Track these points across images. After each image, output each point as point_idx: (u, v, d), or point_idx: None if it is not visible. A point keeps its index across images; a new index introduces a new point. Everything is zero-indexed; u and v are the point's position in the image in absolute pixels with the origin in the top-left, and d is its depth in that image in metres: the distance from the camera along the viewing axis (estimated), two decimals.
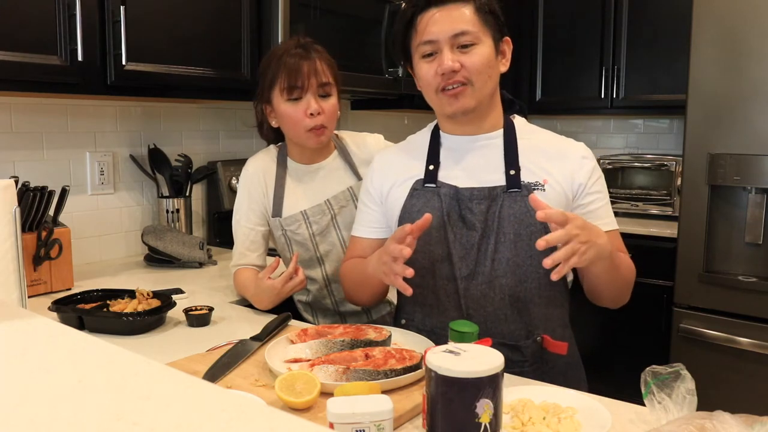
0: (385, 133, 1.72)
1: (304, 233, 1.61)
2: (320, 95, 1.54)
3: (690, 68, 2.31)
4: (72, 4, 1.56)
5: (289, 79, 1.50)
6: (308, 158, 1.65)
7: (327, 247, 1.63)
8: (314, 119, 1.52)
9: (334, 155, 1.68)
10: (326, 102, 1.55)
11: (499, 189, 1.25)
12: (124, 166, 2.15)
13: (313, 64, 1.52)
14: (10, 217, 1.04)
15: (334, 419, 0.82)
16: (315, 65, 1.52)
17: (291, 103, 1.53)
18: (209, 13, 1.89)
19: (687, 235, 2.38)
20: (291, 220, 1.61)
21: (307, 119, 1.52)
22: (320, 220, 1.61)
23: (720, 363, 2.31)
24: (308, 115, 1.52)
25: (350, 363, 1.07)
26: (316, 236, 1.62)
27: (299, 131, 1.55)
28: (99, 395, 0.54)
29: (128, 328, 1.37)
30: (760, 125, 2.20)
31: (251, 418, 0.50)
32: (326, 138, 1.58)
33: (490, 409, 0.78)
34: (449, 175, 1.31)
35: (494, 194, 1.25)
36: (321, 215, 1.61)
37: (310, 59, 1.52)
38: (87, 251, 2.06)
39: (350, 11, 2.28)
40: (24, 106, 1.89)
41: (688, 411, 0.89)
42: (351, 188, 1.64)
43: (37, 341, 0.70)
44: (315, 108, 1.52)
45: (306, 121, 1.52)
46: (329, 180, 1.65)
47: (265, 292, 1.47)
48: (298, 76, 1.50)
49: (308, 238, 1.61)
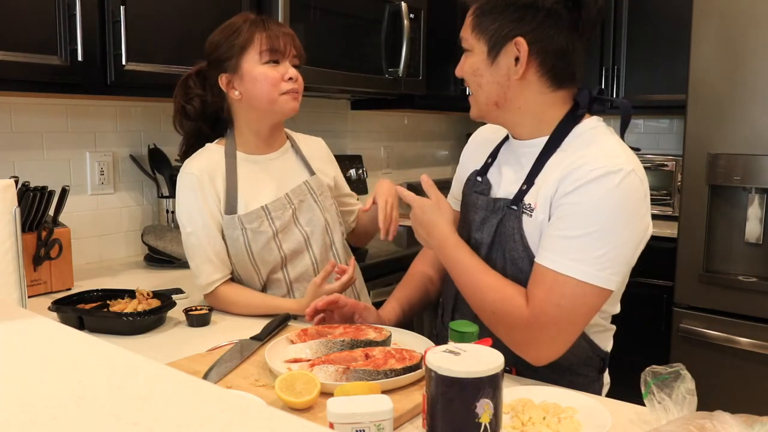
0: (385, 133, 1.73)
1: (268, 231, 1.48)
2: (293, 65, 1.49)
3: (690, 68, 2.31)
4: (72, 4, 1.56)
5: (270, 41, 1.45)
6: (263, 147, 1.56)
7: (291, 245, 1.51)
8: (291, 83, 1.47)
9: (287, 146, 1.61)
10: (298, 72, 1.50)
11: (502, 202, 1.19)
12: (124, 166, 2.15)
13: (290, 33, 1.49)
14: (10, 217, 1.04)
15: (334, 419, 0.82)
16: (291, 35, 1.49)
17: (269, 66, 1.46)
18: (209, 13, 1.89)
19: (687, 235, 2.38)
20: (252, 216, 1.48)
21: (284, 82, 1.46)
22: (282, 215, 1.51)
23: (720, 363, 2.31)
24: (286, 79, 1.46)
25: (350, 363, 1.07)
26: (279, 233, 1.50)
27: (274, 94, 1.46)
28: (99, 395, 0.54)
29: (128, 328, 1.37)
30: (760, 125, 2.20)
31: (251, 418, 0.50)
32: (297, 107, 1.51)
33: (490, 409, 0.78)
34: (493, 174, 1.28)
35: (497, 207, 1.20)
36: (282, 210, 1.51)
37: (286, 29, 1.50)
38: (87, 251, 2.05)
39: (350, 11, 2.28)
40: (24, 106, 1.89)
41: (688, 411, 0.89)
42: (307, 182, 1.57)
43: (37, 341, 0.70)
44: (294, 73, 1.47)
45: (283, 84, 1.46)
46: (285, 173, 1.57)
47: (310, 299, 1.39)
48: (278, 41, 1.46)
49: (271, 237, 1.49)
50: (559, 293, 1.06)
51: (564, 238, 1.07)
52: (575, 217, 1.07)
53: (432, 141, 3.53)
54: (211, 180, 1.48)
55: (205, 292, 1.50)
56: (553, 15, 1.10)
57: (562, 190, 1.09)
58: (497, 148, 1.31)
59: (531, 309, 1.08)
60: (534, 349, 1.11)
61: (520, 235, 1.15)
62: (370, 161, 3.00)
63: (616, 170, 1.06)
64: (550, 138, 1.17)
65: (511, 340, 1.12)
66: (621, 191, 1.06)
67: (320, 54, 2.16)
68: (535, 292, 1.08)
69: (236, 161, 1.52)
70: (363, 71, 2.34)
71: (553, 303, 1.06)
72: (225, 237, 1.49)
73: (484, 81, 1.17)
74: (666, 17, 2.85)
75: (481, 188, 1.27)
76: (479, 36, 1.16)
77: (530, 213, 1.14)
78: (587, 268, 1.05)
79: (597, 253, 1.05)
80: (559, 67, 1.14)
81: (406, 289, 1.44)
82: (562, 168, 1.11)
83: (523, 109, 1.18)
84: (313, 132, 1.75)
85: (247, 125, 1.54)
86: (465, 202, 1.32)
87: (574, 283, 1.06)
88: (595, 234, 1.05)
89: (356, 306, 1.32)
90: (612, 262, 1.06)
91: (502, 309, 1.11)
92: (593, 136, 1.14)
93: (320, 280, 1.42)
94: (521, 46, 1.12)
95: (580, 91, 1.19)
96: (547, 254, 1.08)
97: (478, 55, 1.17)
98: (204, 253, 1.47)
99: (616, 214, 1.06)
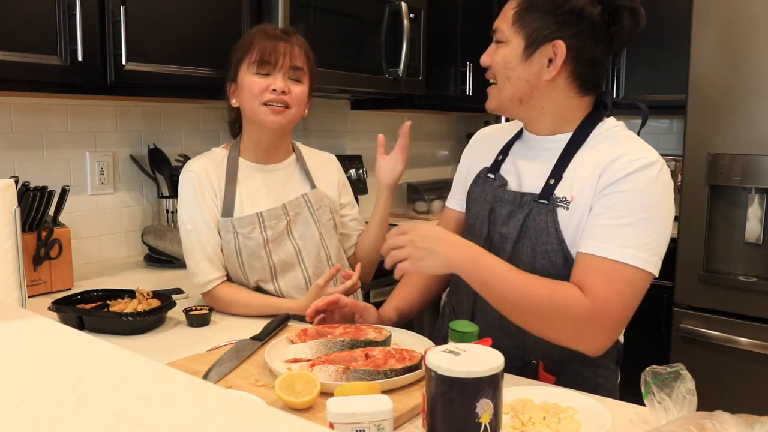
0: (385, 133, 1.71)
1: (258, 238, 1.47)
2: (291, 78, 1.47)
3: (690, 68, 2.31)
4: (72, 4, 1.56)
5: (262, 53, 1.44)
6: (263, 157, 1.56)
7: (281, 256, 1.50)
8: (277, 96, 1.44)
9: (291, 159, 1.61)
10: (295, 86, 1.48)
11: (529, 197, 1.19)
12: (124, 166, 2.15)
13: (290, 45, 1.47)
14: (10, 217, 1.04)
15: (334, 419, 0.82)
16: (291, 47, 1.47)
17: (257, 76, 1.45)
18: (209, 13, 1.89)
19: (687, 235, 2.38)
20: (245, 221, 1.48)
21: (267, 93, 1.44)
22: (276, 225, 1.50)
23: (720, 363, 2.31)
24: (270, 90, 1.44)
25: (350, 363, 1.07)
26: (270, 243, 1.49)
27: (255, 105, 1.45)
28: (99, 395, 0.54)
29: (128, 328, 1.37)
30: (760, 125, 2.20)
31: (251, 418, 0.50)
32: (284, 120, 1.47)
33: (490, 409, 0.78)
34: (508, 170, 1.28)
35: (524, 201, 1.19)
36: (277, 220, 1.50)
37: (288, 41, 1.47)
38: (87, 251, 2.05)
39: (350, 11, 2.28)
40: (24, 106, 1.89)
41: (688, 411, 0.89)
42: (306, 195, 1.56)
43: (37, 341, 0.70)
44: (281, 86, 1.44)
45: (265, 94, 1.44)
46: (285, 184, 1.56)
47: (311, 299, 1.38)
48: (272, 53, 1.44)
49: (261, 245, 1.48)
50: (621, 281, 1.08)
51: (617, 226, 1.09)
52: (625, 205, 1.09)
53: (432, 141, 3.53)
54: (211, 180, 1.49)
55: (203, 291, 1.51)
56: (595, 26, 1.13)
57: (605, 180, 1.11)
58: (508, 145, 1.31)
59: (592, 300, 1.08)
60: (594, 339, 1.11)
61: (555, 228, 1.15)
62: (370, 161, 2.99)
63: (655, 161, 1.11)
64: (574, 135, 1.19)
65: (571, 335, 1.11)
66: (661, 180, 1.11)
67: (320, 54, 2.14)
68: (594, 282, 1.08)
69: (238, 166, 1.53)
70: (363, 71, 2.33)
71: (616, 291, 1.08)
72: (221, 238, 1.50)
73: (515, 75, 1.18)
74: (666, 17, 2.85)
75: (498, 184, 1.26)
76: (519, 30, 1.17)
77: (566, 206, 1.15)
78: (642, 254, 1.08)
79: (647, 240, 1.09)
80: (589, 75, 1.18)
81: (406, 289, 1.44)
82: (595, 161, 1.14)
83: (547, 108, 1.20)
84: (312, 132, 1.75)
85: (249, 134, 1.55)
86: (474, 198, 1.31)
87: (633, 270, 1.08)
88: (644, 221, 1.09)
89: (356, 306, 1.32)
90: (659, 247, 1.11)
91: (561, 304, 1.08)
92: (618, 134, 1.18)
93: (323, 282, 1.42)
94: (559, 49, 1.14)
95: (604, 93, 1.22)
96: (601, 244, 1.09)
97: (514, 48, 1.18)
98: (203, 251, 1.48)
99: (659, 202, 1.11)
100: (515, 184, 1.24)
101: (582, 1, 1.12)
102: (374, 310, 1.35)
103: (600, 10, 1.13)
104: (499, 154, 1.31)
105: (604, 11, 1.13)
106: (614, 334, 1.12)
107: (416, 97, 2.66)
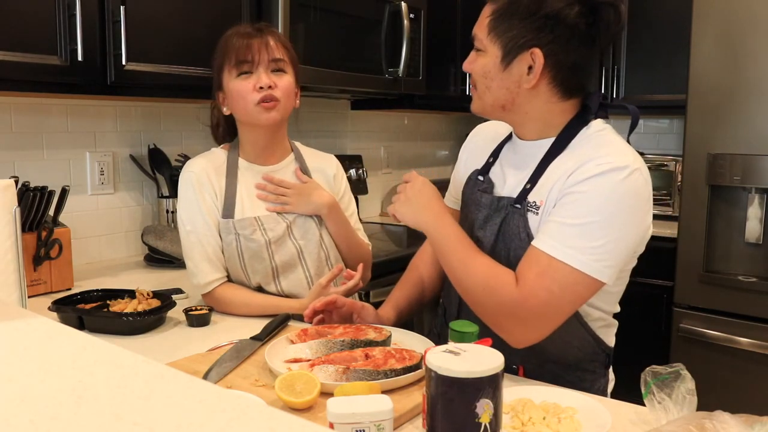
0: (385, 133, 1.71)
1: (260, 239, 1.47)
2: (273, 71, 1.46)
3: (690, 68, 2.32)
4: (72, 4, 1.56)
5: (237, 54, 1.44)
6: (262, 157, 1.55)
7: (283, 257, 1.50)
8: (264, 92, 1.43)
9: (290, 158, 1.60)
10: (280, 78, 1.46)
11: (506, 201, 1.19)
12: (124, 166, 2.15)
13: (265, 39, 1.46)
14: (10, 217, 1.04)
15: (334, 419, 0.82)
16: (266, 41, 1.46)
17: (241, 78, 1.44)
18: (209, 13, 1.89)
19: (687, 235, 2.38)
20: (245, 223, 1.48)
21: (255, 92, 1.43)
22: (275, 228, 1.50)
23: (720, 363, 2.31)
24: (257, 89, 1.43)
25: (350, 363, 1.07)
26: (272, 244, 1.49)
27: (248, 107, 1.45)
28: (99, 395, 0.54)
29: (128, 328, 1.37)
30: (760, 125, 2.20)
31: (251, 418, 0.50)
32: (278, 115, 1.47)
33: (490, 409, 0.78)
34: (496, 173, 1.27)
35: (500, 206, 1.20)
36: (275, 223, 1.50)
37: (261, 37, 1.46)
38: (87, 251, 2.05)
39: (350, 11, 2.28)
40: (24, 106, 1.89)
41: (688, 411, 0.89)
42: None
43: (37, 341, 0.70)
44: (266, 81, 1.43)
45: (254, 94, 1.43)
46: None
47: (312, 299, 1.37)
48: (248, 51, 1.43)
49: (264, 246, 1.48)
50: (551, 278, 1.06)
51: (564, 225, 1.07)
52: (577, 205, 1.07)
53: (432, 141, 3.53)
54: (211, 180, 1.49)
55: (203, 292, 1.50)
56: (573, 29, 1.10)
57: (570, 182, 1.10)
58: (499, 148, 1.30)
59: (520, 289, 1.08)
60: (517, 330, 1.11)
61: (527, 233, 1.15)
62: (370, 161, 3.00)
63: (623, 166, 1.07)
64: (557, 139, 1.17)
65: (495, 321, 1.12)
66: (626, 187, 1.07)
67: (320, 54, 2.16)
68: (527, 274, 1.08)
69: (238, 166, 1.53)
70: (363, 71, 2.34)
71: (544, 287, 1.06)
72: (221, 239, 1.49)
73: (494, 85, 1.16)
74: (666, 17, 2.85)
75: (483, 187, 1.26)
76: (495, 39, 1.14)
77: (536, 211, 1.14)
78: (583, 257, 1.06)
79: (595, 244, 1.06)
80: (570, 80, 1.15)
81: (405, 288, 1.44)
82: (568, 165, 1.12)
83: (530, 114, 1.18)
84: (312, 132, 1.75)
85: (245, 136, 1.55)
86: (466, 201, 1.31)
87: (569, 270, 1.06)
88: (596, 224, 1.06)
89: (354, 306, 1.32)
90: (609, 254, 1.06)
91: (492, 285, 1.10)
92: (601, 138, 1.15)
93: (326, 282, 1.42)
94: (537, 57, 1.11)
95: (590, 96, 1.19)
96: (545, 239, 1.09)
97: (491, 58, 1.15)
98: (203, 252, 1.48)
99: (618, 208, 1.07)
100: (500, 188, 1.24)
101: (558, 5, 1.09)
102: (372, 309, 1.35)
103: (578, 10, 1.09)
104: (491, 156, 1.31)
105: (584, 11, 1.10)
106: (534, 330, 1.10)
107: (416, 97, 2.66)
